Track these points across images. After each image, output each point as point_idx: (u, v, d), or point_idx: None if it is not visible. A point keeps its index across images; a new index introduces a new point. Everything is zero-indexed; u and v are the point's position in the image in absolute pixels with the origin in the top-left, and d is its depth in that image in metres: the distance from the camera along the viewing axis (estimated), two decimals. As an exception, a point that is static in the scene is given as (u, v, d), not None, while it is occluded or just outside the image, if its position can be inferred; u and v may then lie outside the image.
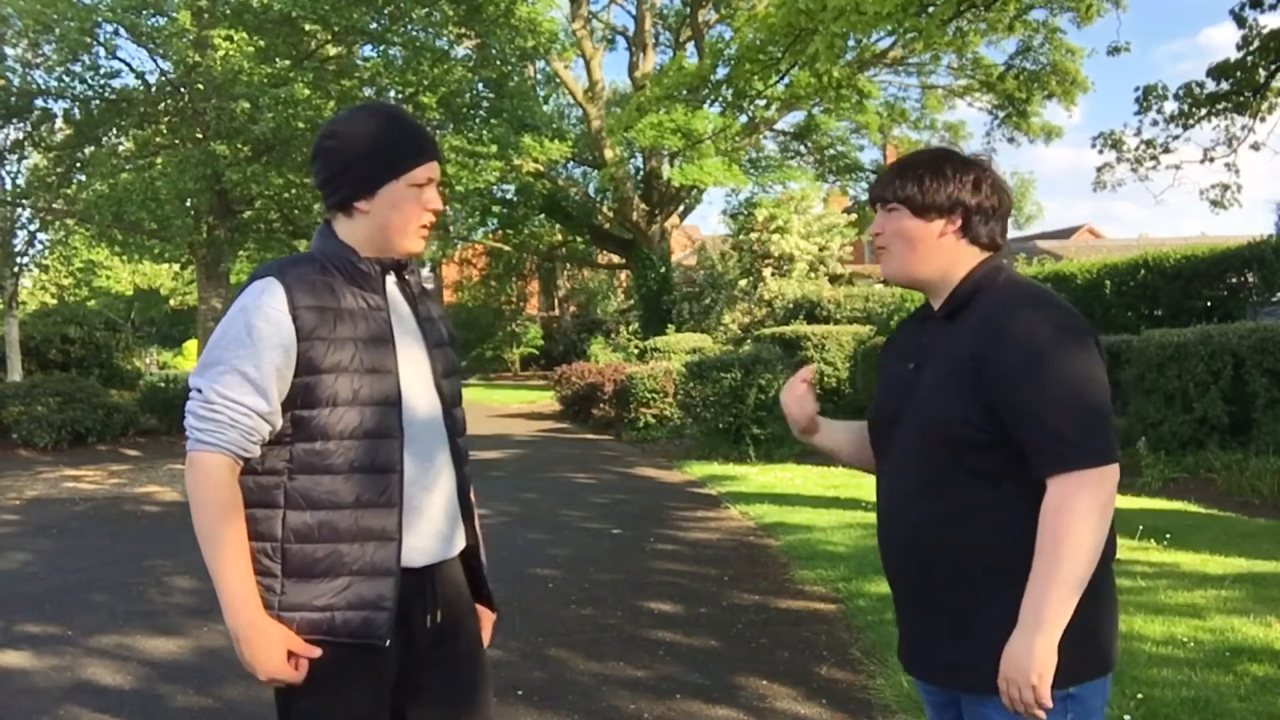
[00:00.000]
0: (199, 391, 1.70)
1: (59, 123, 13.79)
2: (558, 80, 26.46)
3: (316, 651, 1.70)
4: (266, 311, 1.69)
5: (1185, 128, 14.16)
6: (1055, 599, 1.51)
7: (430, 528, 1.82)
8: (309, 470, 1.71)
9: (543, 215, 27.64)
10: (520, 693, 3.88)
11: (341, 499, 1.70)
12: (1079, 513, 1.52)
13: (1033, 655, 1.52)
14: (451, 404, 1.91)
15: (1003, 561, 1.59)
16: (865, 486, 8.90)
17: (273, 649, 1.67)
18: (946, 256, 1.71)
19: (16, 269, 18.24)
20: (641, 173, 25.70)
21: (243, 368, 1.67)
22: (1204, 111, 13.88)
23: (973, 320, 1.65)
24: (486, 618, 2.05)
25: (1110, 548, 1.63)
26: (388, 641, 1.72)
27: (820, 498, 8.53)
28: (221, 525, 1.66)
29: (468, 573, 1.97)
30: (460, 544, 1.92)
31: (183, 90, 12.33)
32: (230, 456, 1.67)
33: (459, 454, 1.91)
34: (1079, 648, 1.58)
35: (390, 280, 1.86)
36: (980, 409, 1.58)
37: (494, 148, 14.07)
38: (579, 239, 29.38)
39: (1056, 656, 1.52)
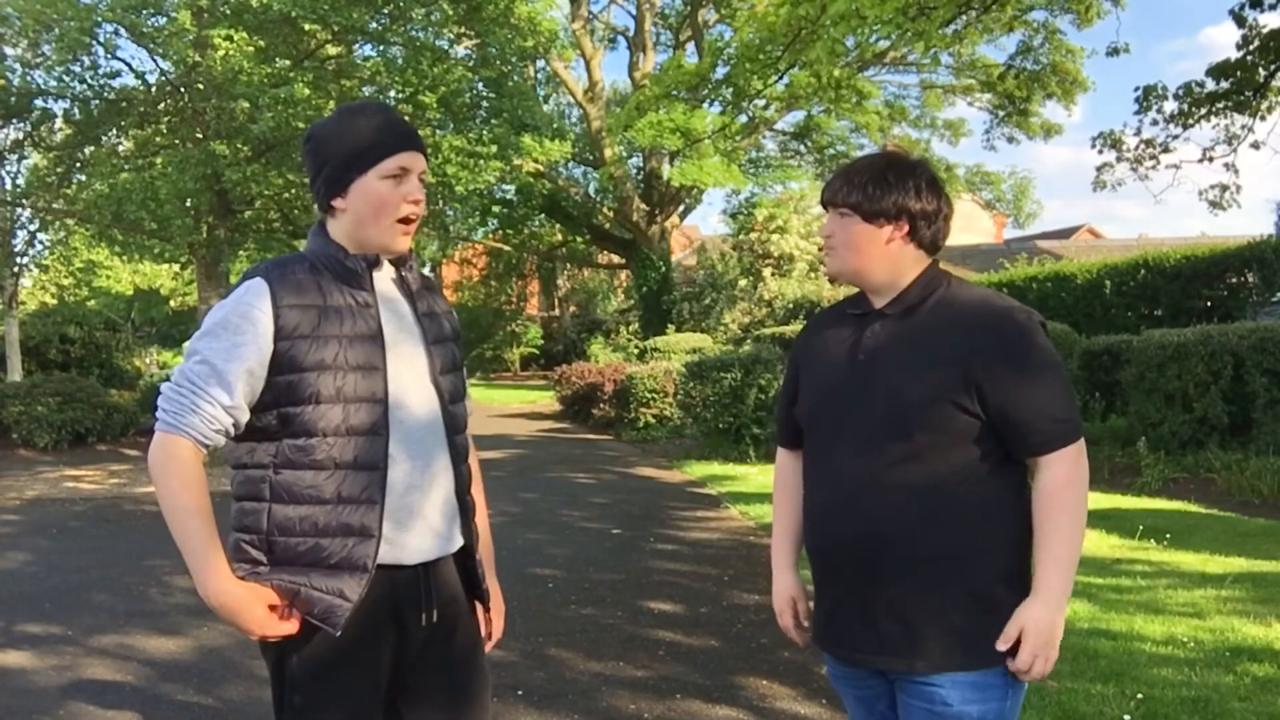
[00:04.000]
0: (170, 377, 1.75)
1: (59, 123, 13.78)
2: (558, 80, 26.45)
3: (270, 597, 1.72)
4: (245, 309, 1.72)
5: (1185, 127, 14.13)
6: (1071, 570, 1.67)
7: (424, 525, 1.81)
8: (292, 465, 1.73)
9: (543, 215, 27.63)
10: (520, 693, 3.89)
11: (323, 494, 1.72)
12: (1079, 485, 1.69)
13: (1058, 628, 1.67)
14: (450, 400, 1.89)
15: (972, 540, 1.70)
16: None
17: (253, 606, 1.69)
18: (894, 260, 1.79)
19: (16, 269, 18.22)
20: (641, 173, 25.69)
21: (213, 360, 1.70)
22: (1204, 111, 13.85)
23: (938, 317, 1.75)
24: (485, 615, 2.03)
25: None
26: (339, 632, 1.71)
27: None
28: (180, 499, 1.70)
29: (464, 571, 1.95)
30: (459, 542, 1.90)
31: (183, 90, 12.31)
32: (190, 440, 1.71)
33: (457, 451, 1.90)
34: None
35: (389, 276, 1.87)
36: (965, 396, 1.68)
37: (494, 148, 14.07)
38: (579, 239, 29.37)
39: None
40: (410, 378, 1.82)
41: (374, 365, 1.76)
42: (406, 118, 12.18)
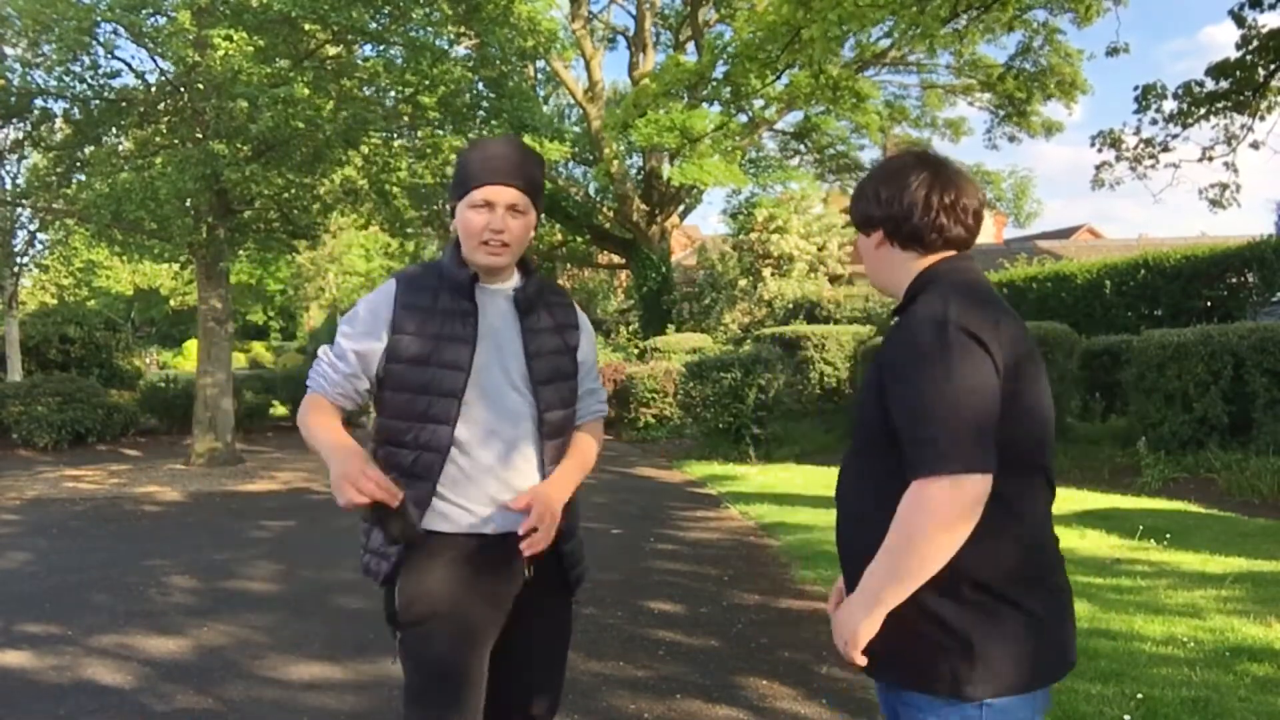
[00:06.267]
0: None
1: (59, 123, 13.76)
2: (558, 80, 26.43)
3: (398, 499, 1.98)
4: (373, 302, 2.10)
5: (1184, 127, 14.13)
6: (880, 581, 1.58)
7: (498, 505, 2.07)
8: (386, 441, 2.10)
9: (543, 215, 27.57)
10: (520, 693, 3.88)
11: (400, 467, 2.05)
12: (921, 514, 1.52)
13: (849, 622, 1.63)
14: (548, 407, 2.12)
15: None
16: (865, 486, 8.89)
17: (349, 461, 1.96)
18: (886, 265, 1.80)
19: (16, 269, 18.21)
20: (641, 172, 25.67)
21: (342, 339, 2.12)
22: (1203, 111, 13.86)
23: (897, 324, 1.74)
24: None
25: (1031, 566, 1.63)
26: (380, 583, 2.08)
27: (820, 497, 8.52)
28: (308, 419, 2.10)
29: (555, 556, 2.17)
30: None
31: (182, 90, 12.29)
32: (320, 393, 2.13)
33: (547, 452, 2.13)
34: (977, 664, 1.57)
35: (506, 289, 2.14)
36: (882, 410, 1.64)
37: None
38: (579, 239, 29.34)
39: (872, 630, 1.60)
40: (499, 381, 2.08)
41: (460, 366, 2.04)
42: (406, 118, 12.03)
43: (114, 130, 13.65)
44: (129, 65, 14.01)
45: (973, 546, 1.54)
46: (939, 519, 1.51)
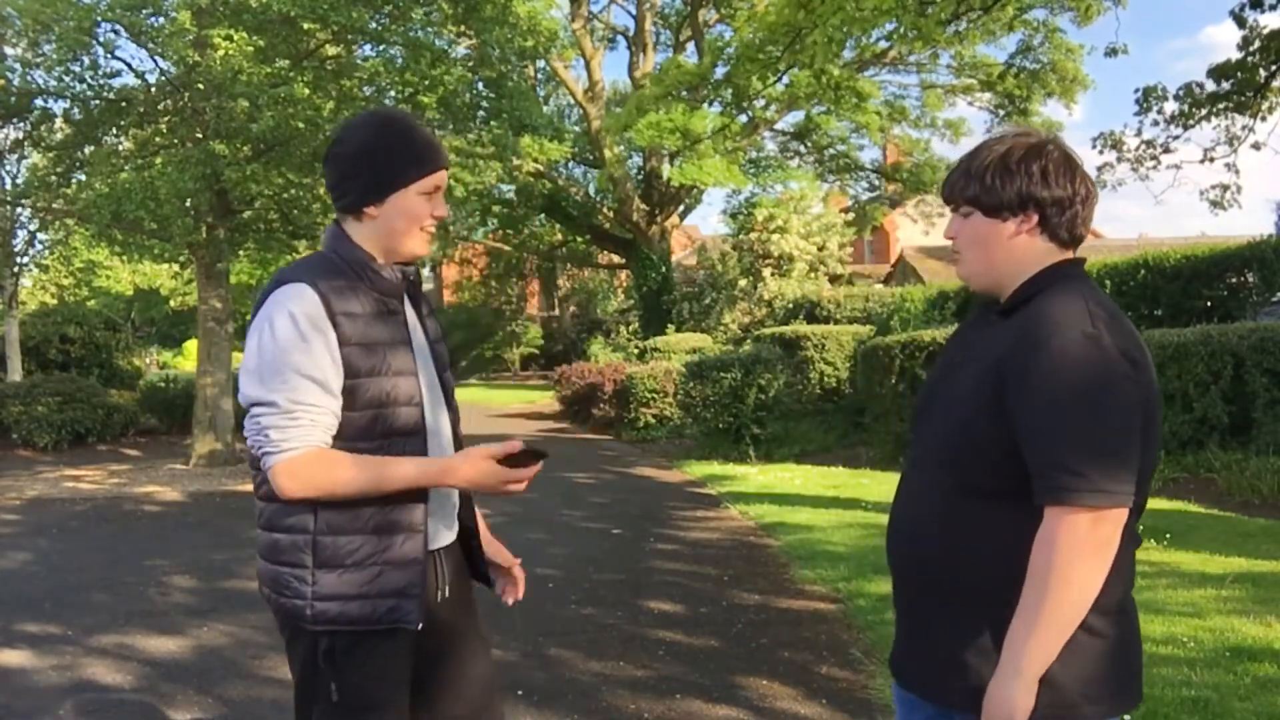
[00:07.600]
0: (273, 405, 1.72)
1: (59, 122, 13.76)
2: (558, 80, 26.45)
3: (517, 446, 1.79)
4: (310, 315, 1.74)
5: (1185, 128, 14.14)
6: (1033, 640, 1.44)
7: (442, 515, 1.94)
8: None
9: (543, 215, 27.63)
10: (520, 693, 3.88)
11: (374, 498, 1.77)
12: (1064, 551, 1.43)
13: (1009, 701, 1.45)
14: (449, 397, 2.02)
15: (985, 581, 1.53)
16: (865, 486, 8.90)
17: (478, 465, 1.77)
18: (1019, 257, 1.60)
19: (16, 269, 18.20)
20: (641, 173, 25.68)
21: (307, 371, 1.72)
22: (1204, 112, 13.86)
23: (1016, 323, 1.55)
24: (511, 575, 2.16)
25: (1109, 598, 1.49)
26: (419, 625, 1.81)
27: (820, 498, 8.53)
28: (353, 475, 1.73)
29: (466, 551, 2.07)
30: (456, 528, 2.02)
31: (183, 90, 12.29)
32: (315, 450, 1.74)
33: (459, 443, 2.01)
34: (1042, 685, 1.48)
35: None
36: (994, 418, 1.50)
37: (492, 149, 14.04)
38: (579, 239, 29.36)
39: (1034, 699, 1.45)
40: (426, 378, 1.91)
41: (409, 370, 1.83)
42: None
43: (114, 130, 13.66)
44: (129, 65, 14.06)
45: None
46: (1080, 552, 1.42)
